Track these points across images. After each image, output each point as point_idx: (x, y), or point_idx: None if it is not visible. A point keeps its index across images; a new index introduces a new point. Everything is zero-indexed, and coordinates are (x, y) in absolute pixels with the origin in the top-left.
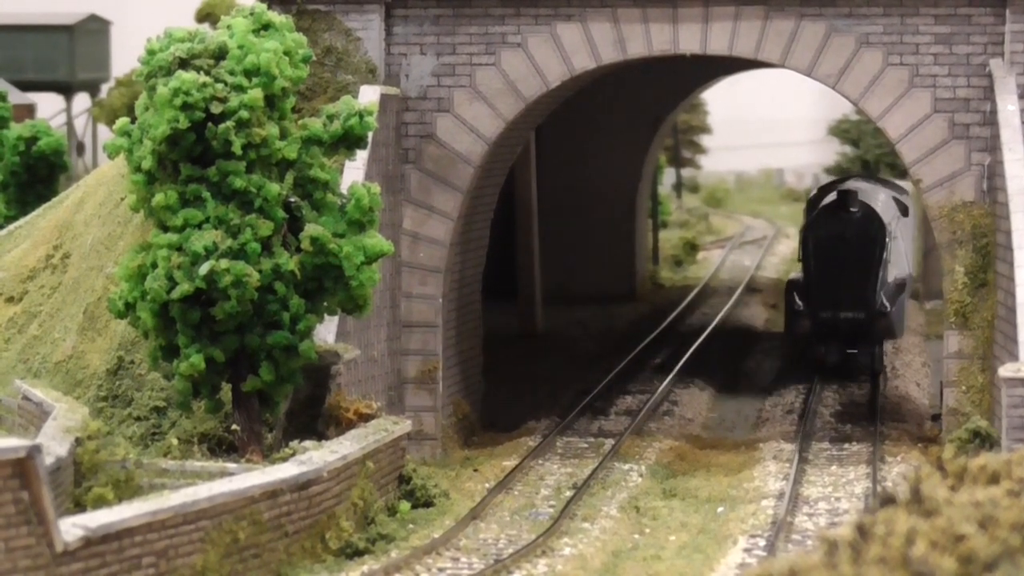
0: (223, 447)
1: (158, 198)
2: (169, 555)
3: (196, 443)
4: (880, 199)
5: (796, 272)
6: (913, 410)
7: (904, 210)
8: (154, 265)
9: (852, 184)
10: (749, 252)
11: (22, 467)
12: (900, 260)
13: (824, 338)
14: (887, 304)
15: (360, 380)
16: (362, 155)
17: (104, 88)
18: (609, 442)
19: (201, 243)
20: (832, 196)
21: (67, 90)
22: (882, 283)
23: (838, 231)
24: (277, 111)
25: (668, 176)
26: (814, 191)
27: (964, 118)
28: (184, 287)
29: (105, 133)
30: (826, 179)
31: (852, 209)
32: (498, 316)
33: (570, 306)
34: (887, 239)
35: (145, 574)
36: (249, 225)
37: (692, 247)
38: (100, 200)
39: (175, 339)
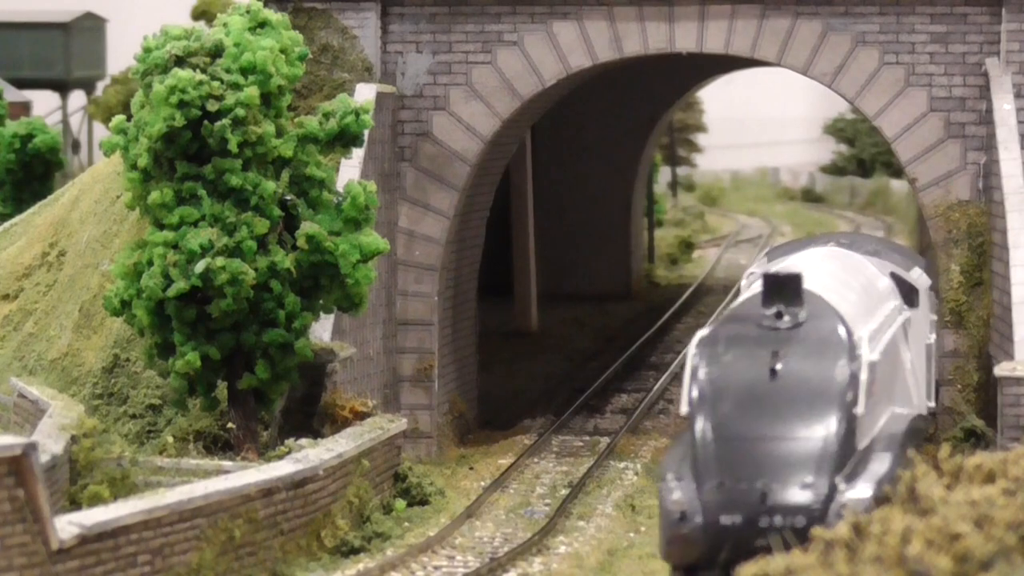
0: (219, 445)
1: (154, 196)
2: (165, 553)
3: (192, 441)
4: (857, 286)
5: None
6: None
7: (910, 295)
8: (150, 263)
9: (814, 256)
10: (745, 250)
11: (18, 465)
12: (897, 394)
13: (729, 564)
14: (858, 493)
15: (356, 378)
16: (358, 153)
17: (100, 86)
18: (604, 440)
19: (197, 241)
20: (757, 287)
21: (63, 88)
22: (843, 455)
23: (754, 365)
24: (273, 109)
25: (664, 174)
26: (751, 271)
27: (960, 117)
28: (180, 285)
29: (101, 131)
30: (824, 179)
31: (785, 318)
32: (494, 314)
33: (566, 304)
34: (859, 371)
35: (141, 572)
36: (245, 223)
37: (688, 245)
38: (96, 198)
39: (171, 337)
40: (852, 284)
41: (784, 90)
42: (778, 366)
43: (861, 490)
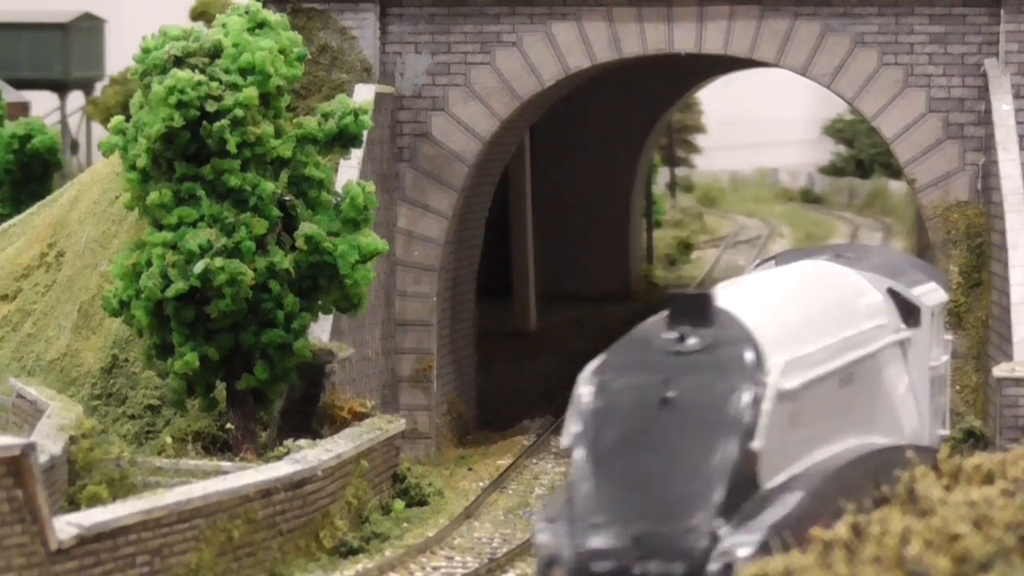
0: (217, 445)
1: (153, 196)
2: (163, 553)
3: (190, 441)
4: (810, 306)
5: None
6: None
7: (911, 314)
8: (149, 263)
9: (786, 270)
10: (743, 251)
11: (16, 465)
12: (876, 423)
13: None
14: (743, 540)
15: (354, 379)
16: (357, 154)
17: (98, 86)
18: None
19: (196, 241)
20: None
21: (61, 88)
22: (734, 496)
23: (643, 394)
24: (272, 109)
25: (662, 175)
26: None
27: (959, 118)
28: (179, 285)
29: (99, 131)
30: (823, 180)
31: (689, 342)
32: (493, 315)
33: (565, 305)
34: (763, 400)
35: (139, 572)
36: (244, 223)
37: (686, 246)
38: (94, 198)
39: (169, 337)
40: (803, 303)
41: (783, 91)
42: (669, 395)
43: (747, 538)
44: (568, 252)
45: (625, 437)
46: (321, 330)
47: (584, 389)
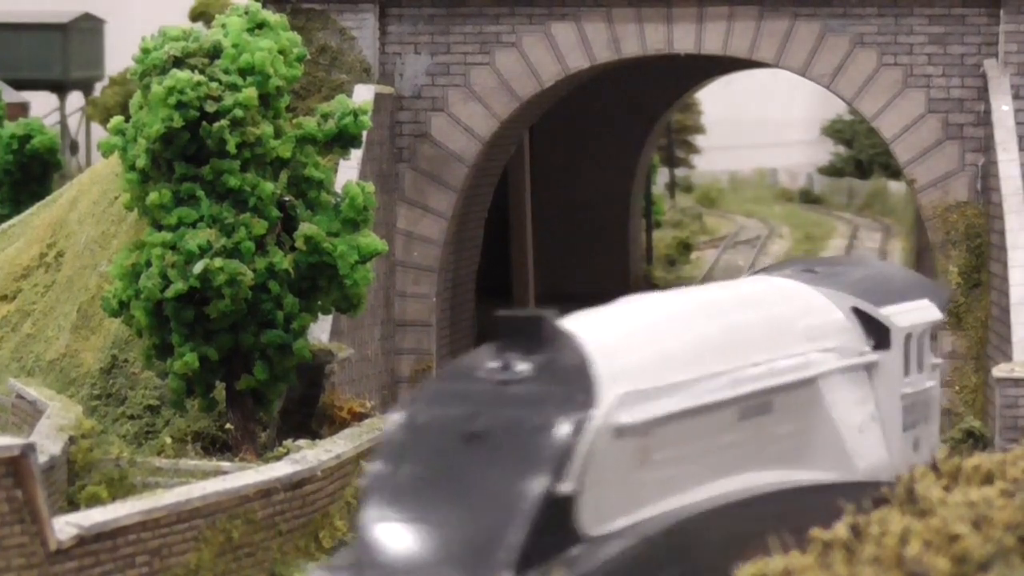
0: (217, 446)
1: (152, 197)
2: (163, 553)
3: (190, 442)
4: (706, 329)
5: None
6: None
7: (880, 335)
8: (148, 264)
9: (720, 287)
10: (743, 252)
11: (16, 465)
12: (807, 457)
13: None
14: None
15: (354, 379)
16: (356, 154)
17: (98, 87)
18: None
19: (195, 242)
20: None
21: (61, 88)
22: (534, 546)
23: (449, 430)
24: (271, 110)
25: (662, 176)
26: None
27: (958, 118)
28: (178, 286)
29: (99, 132)
30: (822, 181)
31: (514, 371)
32: (492, 315)
33: (564, 305)
34: (579, 438)
35: (139, 572)
36: (243, 224)
37: (686, 247)
38: (94, 199)
39: (169, 338)
40: (699, 328)
41: (782, 91)
42: (477, 430)
43: None
44: (567, 252)
45: (424, 477)
46: (320, 330)
47: (390, 423)
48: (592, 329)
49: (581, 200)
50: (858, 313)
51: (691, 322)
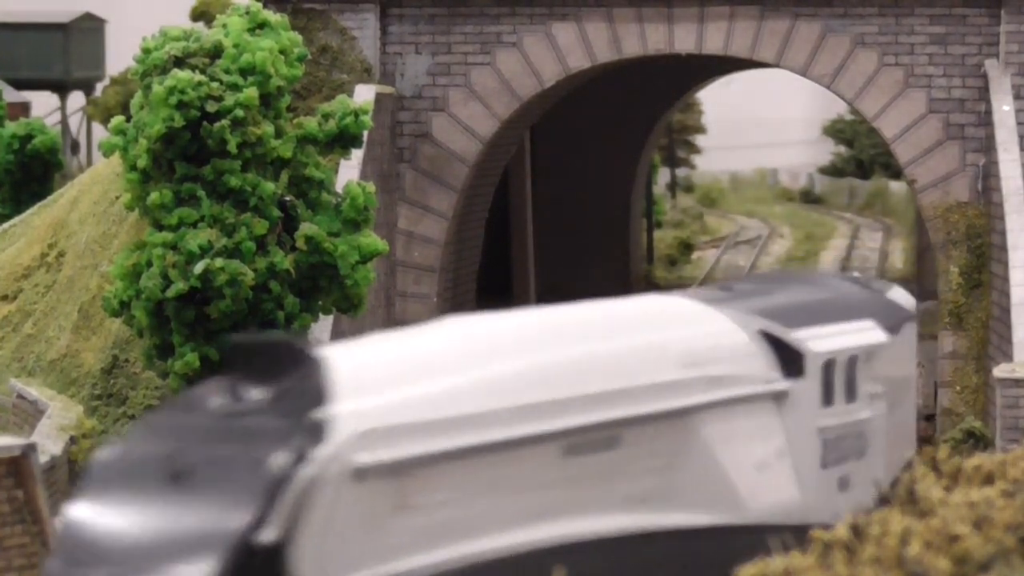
0: None
1: (153, 197)
2: None
3: None
4: (557, 346)
5: None
6: None
7: (790, 362)
8: (149, 264)
9: (615, 305)
10: (743, 252)
11: (17, 466)
12: (658, 501)
13: None
14: None
15: None
16: (357, 154)
17: (99, 86)
18: None
19: (196, 242)
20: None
21: (62, 88)
22: None
23: (155, 469)
24: (272, 110)
25: (663, 176)
26: None
27: (959, 118)
28: (179, 286)
29: (100, 131)
30: (823, 181)
31: (244, 402)
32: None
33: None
34: (292, 478)
35: None
36: (244, 224)
37: (687, 247)
38: (95, 199)
39: (170, 338)
40: (530, 353)
41: (783, 91)
42: (180, 470)
43: None
44: (568, 253)
45: (119, 524)
46: (321, 331)
47: (95, 460)
48: (353, 357)
49: (581, 199)
50: (768, 337)
51: (512, 349)
